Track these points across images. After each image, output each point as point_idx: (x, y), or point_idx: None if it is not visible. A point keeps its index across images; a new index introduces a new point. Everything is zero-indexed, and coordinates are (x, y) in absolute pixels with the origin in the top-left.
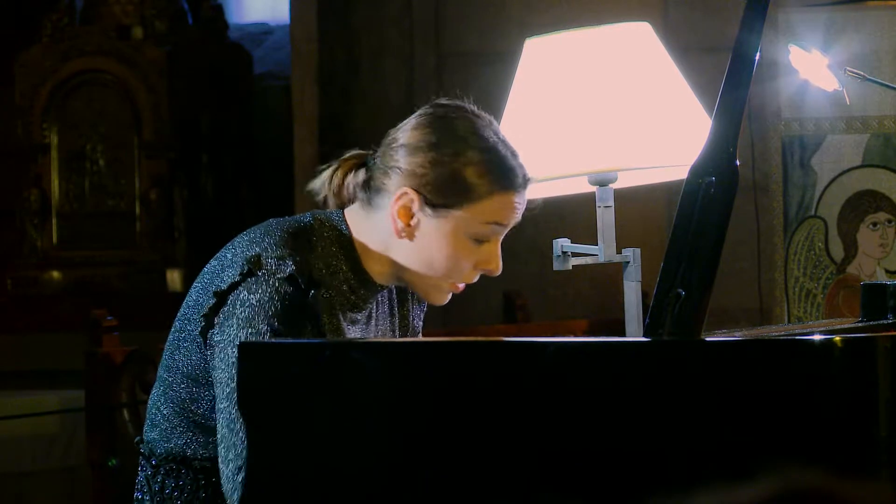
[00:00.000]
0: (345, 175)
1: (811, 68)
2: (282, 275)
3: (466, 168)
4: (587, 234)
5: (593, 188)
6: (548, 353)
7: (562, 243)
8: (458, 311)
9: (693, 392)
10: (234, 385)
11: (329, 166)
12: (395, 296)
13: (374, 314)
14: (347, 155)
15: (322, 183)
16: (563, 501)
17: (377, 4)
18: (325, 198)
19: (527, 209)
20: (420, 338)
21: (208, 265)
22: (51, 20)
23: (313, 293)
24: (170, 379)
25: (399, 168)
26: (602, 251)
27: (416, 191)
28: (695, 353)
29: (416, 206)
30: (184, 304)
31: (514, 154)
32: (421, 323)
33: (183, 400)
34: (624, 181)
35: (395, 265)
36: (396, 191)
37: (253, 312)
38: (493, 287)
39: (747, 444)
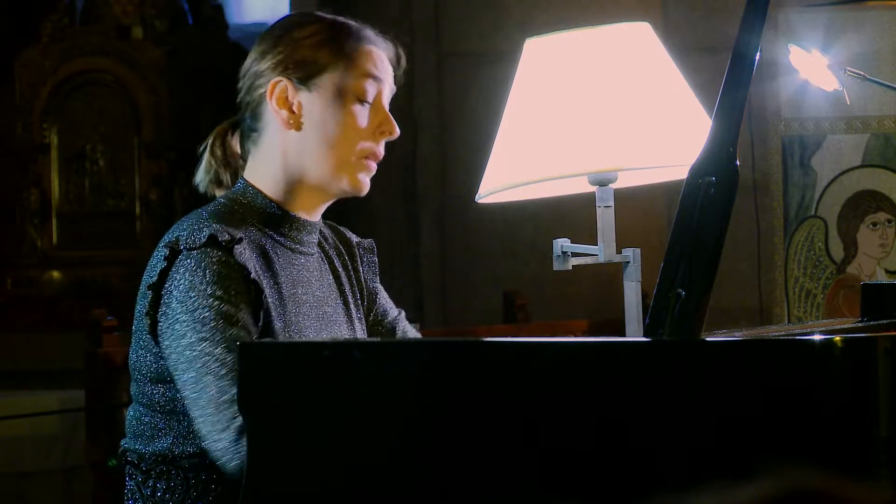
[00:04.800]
0: (223, 142)
1: (811, 68)
2: (201, 241)
3: (317, 35)
4: (587, 234)
5: (593, 188)
6: (548, 354)
7: (562, 243)
8: (458, 311)
9: (693, 392)
10: (192, 369)
11: (203, 149)
12: (344, 254)
13: (322, 264)
14: (215, 129)
15: (204, 167)
16: (564, 501)
17: (377, 4)
18: (216, 179)
19: (528, 211)
20: (420, 338)
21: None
22: (51, 20)
23: (238, 247)
24: (141, 390)
25: (261, 73)
26: (602, 251)
27: (284, 76)
28: (695, 353)
29: (290, 90)
30: (135, 314)
31: (356, 22)
32: (377, 286)
33: (160, 403)
34: (624, 181)
35: (306, 179)
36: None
37: (188, 289)
38: (493, 287)
39: (747, 445)
